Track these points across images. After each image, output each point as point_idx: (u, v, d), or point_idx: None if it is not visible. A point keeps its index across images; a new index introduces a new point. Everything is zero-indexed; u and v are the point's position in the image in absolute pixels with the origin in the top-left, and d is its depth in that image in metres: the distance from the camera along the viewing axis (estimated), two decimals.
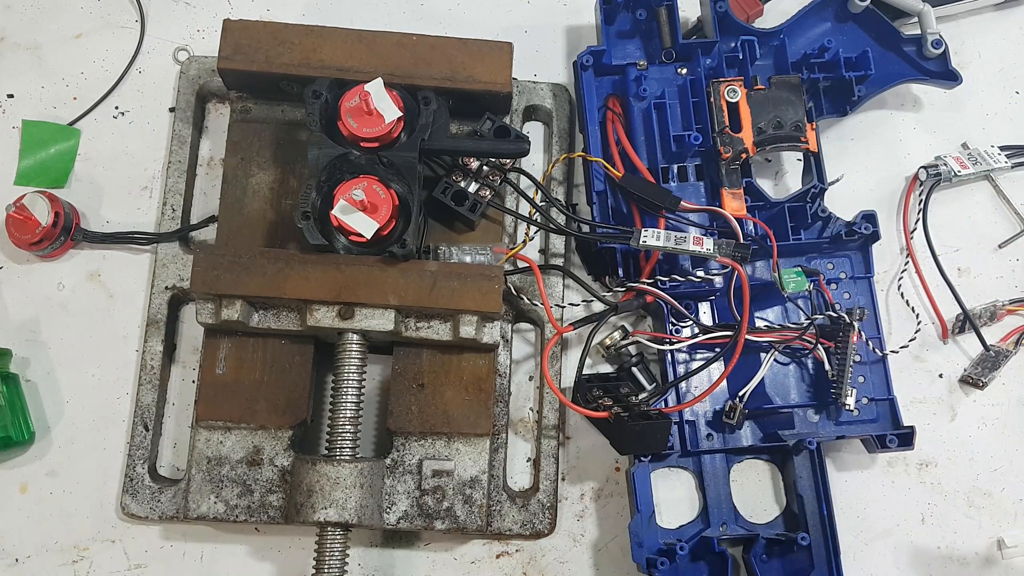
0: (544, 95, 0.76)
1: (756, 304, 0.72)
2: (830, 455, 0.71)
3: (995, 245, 0.78)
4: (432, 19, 0.80)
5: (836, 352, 0.69)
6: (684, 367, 0.70)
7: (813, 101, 0.74)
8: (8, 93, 0.76)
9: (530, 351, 0.74)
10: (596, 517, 0.71)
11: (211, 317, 0.64)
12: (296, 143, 0.71)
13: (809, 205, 0.71)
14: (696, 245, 0.65)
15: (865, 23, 0.76)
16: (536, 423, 0.72)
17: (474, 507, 0.65)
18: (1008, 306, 0.75)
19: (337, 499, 0.60)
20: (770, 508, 0.71)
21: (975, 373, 0.74)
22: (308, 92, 0.64)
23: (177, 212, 0.73)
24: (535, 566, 0.70)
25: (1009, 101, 0.81)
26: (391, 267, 0.63)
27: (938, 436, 0.73)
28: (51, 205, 0.69)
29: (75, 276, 0.73)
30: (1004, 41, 0.82)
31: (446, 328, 0.65)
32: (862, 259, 0.73)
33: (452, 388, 0.67)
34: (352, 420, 0.63)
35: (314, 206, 0.63)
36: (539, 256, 0.75)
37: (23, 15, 0.78)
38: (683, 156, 0.72)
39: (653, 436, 0.64)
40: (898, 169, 0.79)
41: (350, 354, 0.64)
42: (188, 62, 0.75)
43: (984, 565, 0.71)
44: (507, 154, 0.67)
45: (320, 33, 0.67)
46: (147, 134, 0.76)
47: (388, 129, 0.63)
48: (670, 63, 0.74)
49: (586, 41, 0.79)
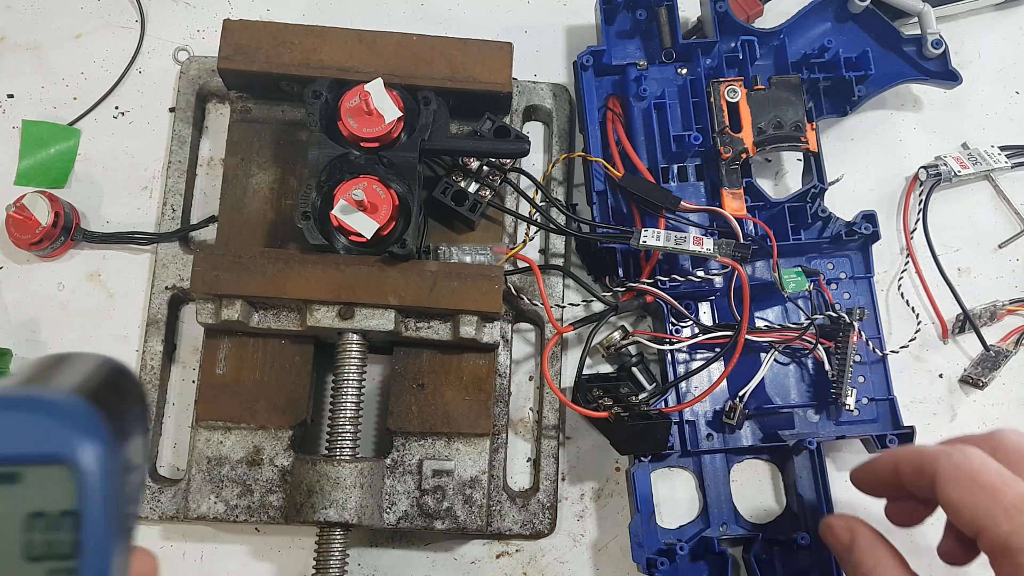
0: (544, 95, 0.76)
1: (756, 304, 0.72)
2: (830, 455, 0.71)
3: (995, 245, 0.78)
4: (432, 19, 0.80)
5: (836, 352, 0.69)
6: (684, 367, 0.70)
7: (813, 101, 0.74)
8: (8, 93, 0.76)
9: (530, 351, 0.74)
10: (596, 517, 0.71)
11: (211, 317, 0.64)
12: (296, 143, 0.71)
13: (809, 205, 0.71)
14: (696, 245, 0.65)
15: (865, 23, 0.76)
16: (536, 423, 0.72)
17: (474, 507, 0.65)
18: (1008, 306, 0.75)
19: (337, 499, 0.60)
20: (770, 508, 0.71)
21: (975, 373, 0.74)
22: (308, 92, 0.64)
23: (177, 212, 0.73)
24: (535, 566, 0.70)
25: (1009, 101, 0.81)
26: (391, 267, 0.63)
27: (938, 436, 0.73)
28: (51, 205, 0.69)
29: (75, 276, 0.73)
30: (1004, 41, 0.82)
31: (446, 328, 0.65)
32: (862, 259, 0.74)
33: (452, 388, 0.67)
34: (352, 420, 0.63)
35: (314, 206, 0.63)
36: (539, 256, 0.75)
37: (23, 15, 0.78)
38: (683, 156, 0.72)
39: (653, 436, 0.64)
40: (898, 169, 0.79)
41: (350, 354, 0.64)
42: (188, 62, 0.75)
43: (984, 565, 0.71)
44: (507, 154, 0.67)
45: (320, 33, 0.67)
46: (147, 134, 0.76)
47: (388, 129, 0.63)
48: (670, 63, 0.74)
49: (586, 41, 0.79)
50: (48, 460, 0.30)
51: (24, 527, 0.30)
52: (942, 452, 0.50)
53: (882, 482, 0.56)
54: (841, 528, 0.56)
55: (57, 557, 0.30)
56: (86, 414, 0.31)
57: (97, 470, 0.30)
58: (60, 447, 0.30)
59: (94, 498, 0.30)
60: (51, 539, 0.30)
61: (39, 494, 0.30)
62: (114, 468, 0.31)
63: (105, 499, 0.30)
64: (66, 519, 0.30)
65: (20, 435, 0.30)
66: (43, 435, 0.30)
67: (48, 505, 0.30)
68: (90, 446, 0.30)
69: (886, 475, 0.55)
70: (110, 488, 0.31)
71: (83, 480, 0.30)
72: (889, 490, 0.57)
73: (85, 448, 0.30)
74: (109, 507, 0.30)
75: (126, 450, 0.32)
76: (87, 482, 0.30)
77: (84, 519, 0.30)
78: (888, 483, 0.55)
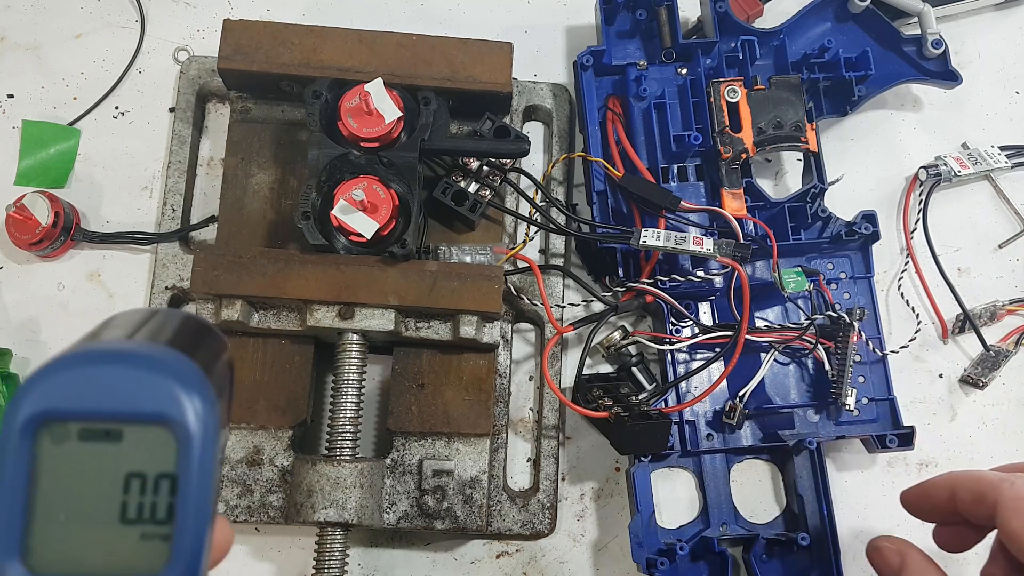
0: (544, 95, 0.76)
1: (756, 304, 0.72)
2: (830, 455, 0.71)
3: (995, 245, 0.78)
4: (432, 19, 0.80)
5: (836, 352, 0.69)
6: (684, 367, 0.70)
7: (813, 101, 0.74)
8: (8, 93, 0.76)
9: (530, 351, 0.74)
10: (596, 517, 0.71)
11: (211, 317, 0.64)
12: (296, 143, 0.71)
13: (809, 205, 0.71)
14: (696, 245, 0.65)
15: (865, 23, 0.76)
16: (536, 423, 0.72)
17: (474, 507, 0.65)
18: (1008, 306, 0.75)
19: (337, 499, 0.60)
20: (770, 508, 0.71)
21: (975, 373, 0.74)
22: (308, 92, 0.64)
23: (177, 212, 0.73)
24: (535, 566, 0.70)
25: (1009, 101, 0.81)
26: (391, 267, 0.63)
27: (938, 436, 0.73)
28: (51, 205, 0.69)
29: (75, 276, 0.73)
30: (1004, 41, 0.82)
31: (446, 328, 0.65)
32: (862, 259, 0.74)
33: (452, 388, 0.67)
34: (352, 420, 0.63)
35: (314, 206, 0.63)
36: (539, 256, 0.75)
37: (23, 15, 0.78)
38: (683, 156, 0.72)
39: (653, 436, 0.64)
40: (898, 169, 0.79)
41: (350, 354, 0.64)
42: (188, 62, 0.75)
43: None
44: (507, 154, 0.67)
45: (320, 33, 0.67)
46: (147, 134, 0.76)
47: (388, 129, 0.63)
48: (670, 63, 0.74)
49: (586, 41, 0.79)
50: (152, 420, 0.29)
51: (121, 488, 0.29)
52: (1004, 480, 0.48)
53: (936, 507, 0.54)
54: (891, 551, 0.54)
55: (152, 521, 0.29)
56: (193, 375, 0.30)
57: (199, 434, 0.29)
58: (167, 407, 0.29)
59: (194, 462, 0.29)
60: (147, 502, 0.29)
61: (139, 454, 0.29)
62: (214, 432, 0.30)
63: (204, 464, 0.29)
64: (164, 482, 0.29)
65: (125, 392, 0.29)
66: (149, 394, 0.29)
67: (147, 466, 0.29)
68: (195, 409, 0.29)
69: (941, 500, 0.52)
70: (209, 452, 0.29)
71: (186, 443, 0.29)
72: (942, 515, 0.54)
73: (190, 410, 0.29)
74: (207, 472, 0.29)
75: (221, 413, 0.31)
76: (190, 445, 0.29)
77: (182, 483, 0.29)
78: (942, 508, 0.53)
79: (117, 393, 0.29)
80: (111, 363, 0.29)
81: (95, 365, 0.29)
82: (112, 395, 0.29)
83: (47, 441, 0.29)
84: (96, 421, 0.29)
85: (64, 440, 0.29)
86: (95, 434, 0.29)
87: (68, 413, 0.29)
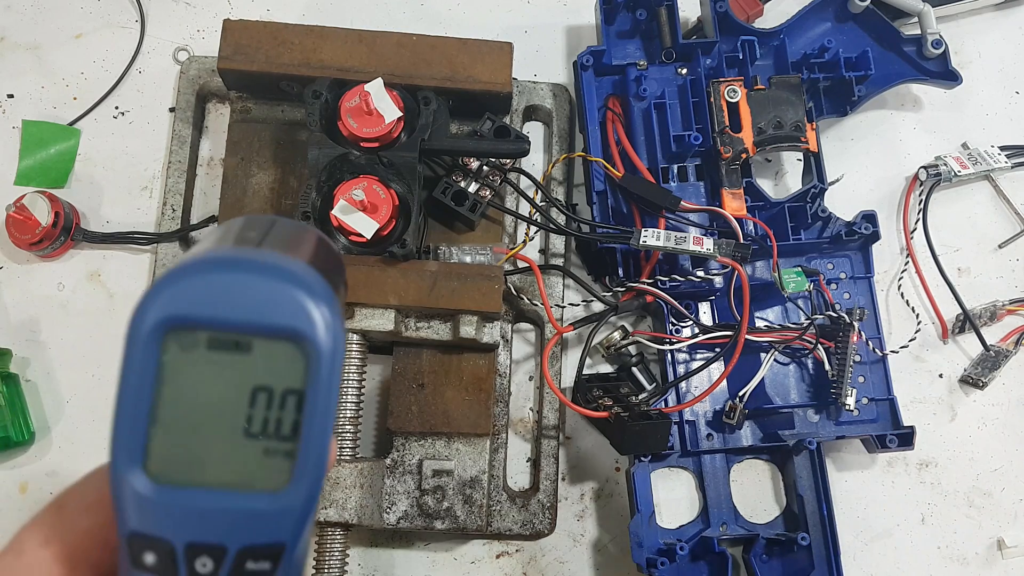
0: (544, 95, 0.76)
1: (756, 304, 0.72)
2: (830, 455, 0.71)
3: (995, 245, 0.78)
4: (432, 19, 0.80)
5: (836, 352, 0.69)
6: (684, 367, 0.70)
7: (813, 101, 0.74)
8: (8, 93, 0.76)
9: (530, 351, 0.74)
10: (596, 517, 0.71)
11: None
12: (296, 143, 0.71)
13: (809, 205, 0.71)
14: (696, 245, 0.65)
15: (865, 23, 0.76)
16: (536, 423, 0.72)
17: (474, 507, 0.65)
18: (1008, 306, 0.75)
19: (337, 499, 0.60)
20: (770, 508, 0.71)
21: (975, 373, 0.74)
22: (308, 92, 0.64)
23: (177, 212, 0.73)
24: (535, 566, 0.70)
25: (1009, 101, 0.81)
26: (391, 267, 0.63)
27: (938, 436, 0.73)
28: (51, 205, 0.69)
29: (75, 276, 0.73)
30: (1004, 41, 0.82)
31: (446, 328, 0.65)
32: (862, 259, 0.74)
33: (452, 388, 0.67)
34: (352, 420, 0.63)
35: (314, 206, 0.63)
36: (539, 256, 0.75)
37: (23, 15, 0.78)
38: (683, 156, 0.72)
39: (653, 436, 0.64)
40: (898, 169, 0.79)
41: (350, 354, 0.64)
42: (188, 62, 0.75)
43: (984, 565, 0.71)
44: (507, 154, 0.67)
45: (320, 33, 0.67)
46: (147, 134, 0.76)
47: (388, 129, 0.63)
48: (670, 63, 0.74)
49: (586, 41, 0.79)
50: (284, 334, 0.28)
51: (247, 401, 0.28)
52: None
53: None
54: None
55: (276, 437, 0.28)
56: (324, 291, 0.28)
57: (329, 352, 0.28)
58: (301, 323, 0.28)
59: (322, 380, 0.28)
60: (272, 417, 0.28)
61: (267, 368, 0.28)
62: (342, 351, 0.29)
63: (331, 382, 0.28)
64: (291, 398, 0.28)
65: (258, 303, 0.27)
66: (283, 307, 0.28)
67: (275, 380, 0.28)
68: (327, 326, 0.28)
69: None
70: (336, 372, 0.28)
71: (316, 360, 0.28)
72: None
73: (322, 328, 0.28)
74: (332, 390, 0.28)
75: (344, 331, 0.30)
76: (319, 363, 0.28)
77: (309, 400, 0.28)
78: None
79: (251, 304, 0.27)
80: (245, 271, 0.28)
81: (228, 272, 0.28)
82: (245, 305, 0.27)
83: (175, 347, 0.28)
84: (227, 331, 0.28)
85: (192, 348, 0.28)
86: (224, 344, 0.28)
87: (198, 320, 0.28)
